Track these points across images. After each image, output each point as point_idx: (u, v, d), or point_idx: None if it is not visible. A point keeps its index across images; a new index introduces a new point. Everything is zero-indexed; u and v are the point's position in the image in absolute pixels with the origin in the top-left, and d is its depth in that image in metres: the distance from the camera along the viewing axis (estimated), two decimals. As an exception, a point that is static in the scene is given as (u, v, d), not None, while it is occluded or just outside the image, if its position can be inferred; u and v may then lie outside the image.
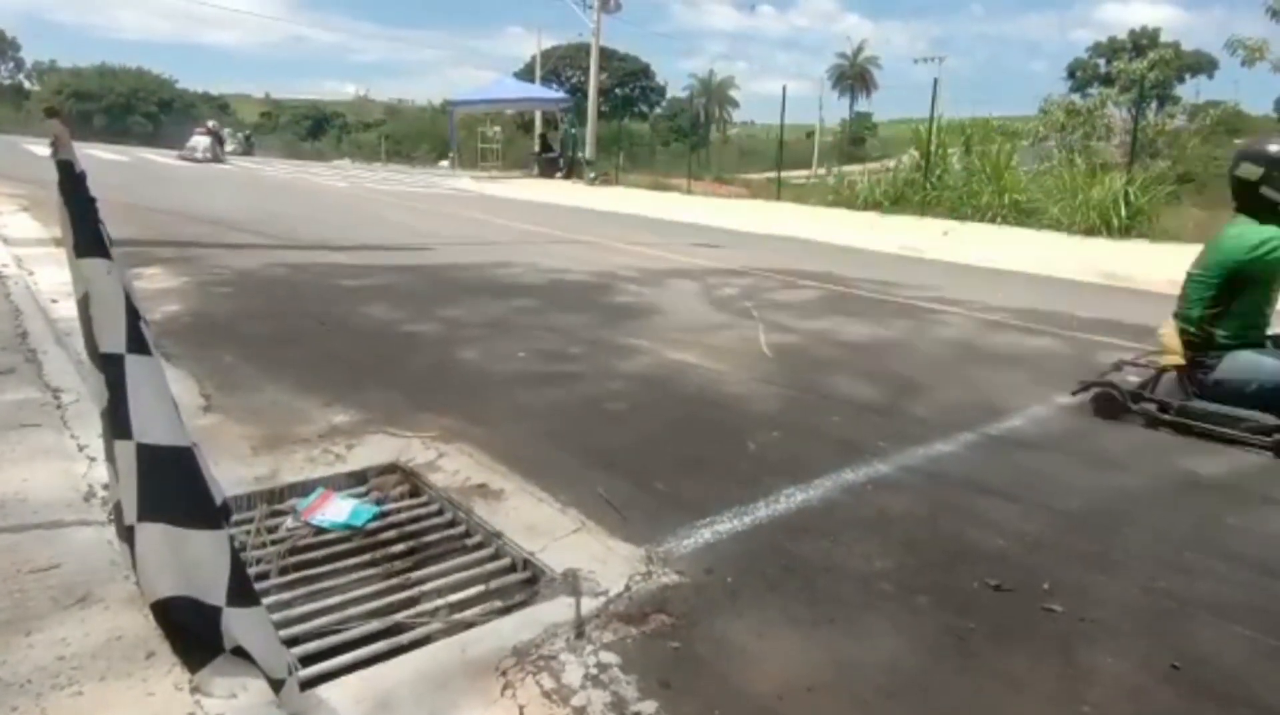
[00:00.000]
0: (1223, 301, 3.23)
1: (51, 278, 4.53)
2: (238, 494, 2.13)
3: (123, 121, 42.98)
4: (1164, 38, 44.03)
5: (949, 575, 1.99)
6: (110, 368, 1.22)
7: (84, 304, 1.19)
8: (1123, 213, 10.42)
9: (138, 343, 1.23)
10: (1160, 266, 8.20)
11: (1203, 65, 40.25)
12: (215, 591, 1.28)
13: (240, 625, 1.30)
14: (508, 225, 10.76)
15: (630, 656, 1.57)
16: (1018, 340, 4.95)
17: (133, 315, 1.20)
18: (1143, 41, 44.04)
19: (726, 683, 1.53)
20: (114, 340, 1.21)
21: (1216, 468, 2.87)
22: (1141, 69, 18.12)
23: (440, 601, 1.78)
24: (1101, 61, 44.88)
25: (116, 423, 1.25)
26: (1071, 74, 48.18)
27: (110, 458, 1.30)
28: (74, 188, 1.14)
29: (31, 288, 4.38)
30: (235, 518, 2.05)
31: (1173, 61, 26.36)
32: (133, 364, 1.23)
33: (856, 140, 41.14)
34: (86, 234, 1.15)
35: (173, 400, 1.31)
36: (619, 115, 29.72)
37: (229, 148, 24.33)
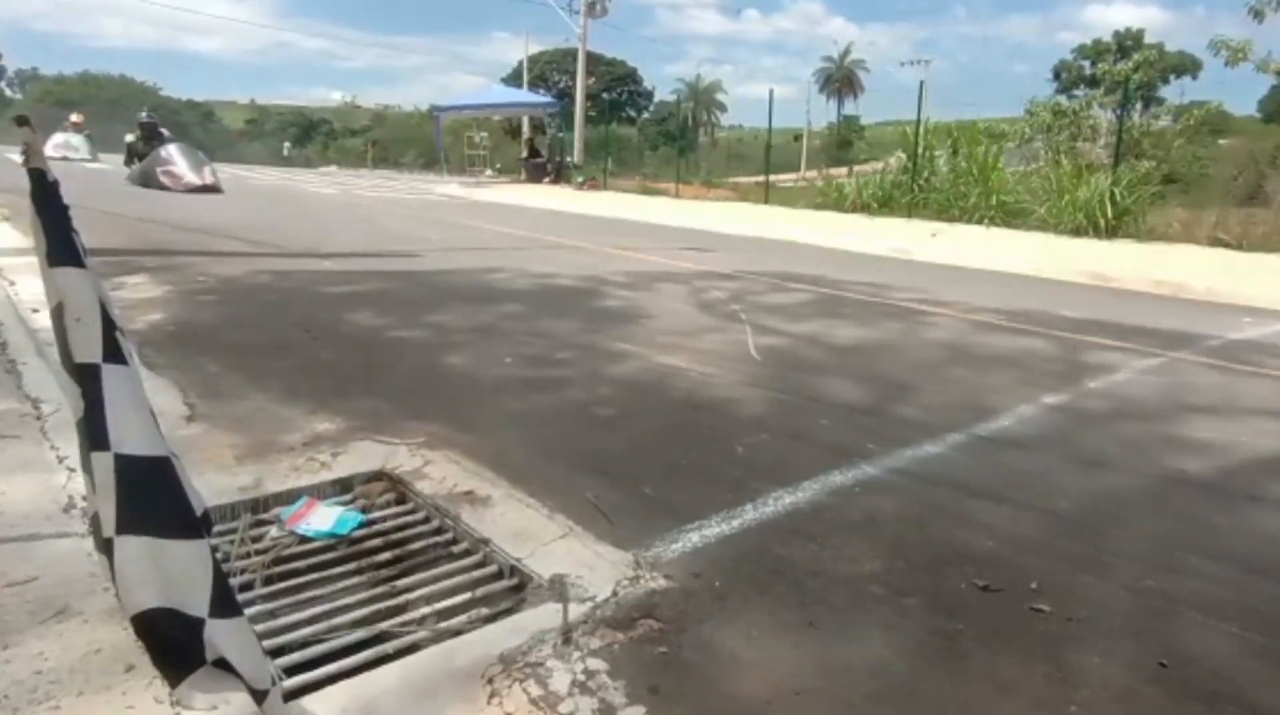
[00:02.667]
0: None
1: (32, 287, 4.49)
2: (221, 503, 2.11)
3: (107, 130, 42.73)
4: (1148, 39, 44.41)
5: (937, 577, 1.98)
6: (86, 379, 1.20)
7: (58, 314, 1.17)
8: (1109, 213, 10.48)
9: (114, 353, 1.21)
10: (1146, 266, 8.27)
11: (1187, 66, 40.53)
12: (197, 603, 1.26)
13: (223, 636, 1.28)
14: (496, 230, 10.75)
15: (618, 662, 1.56)
16: (1006, 341, 4.97)
17: (108, 325, 1.18)
18: (1127, 43, 44.41)
19: (715, 688, 1.52)
20: (89, 351, 1.19)
21: (1204, 467, 2.88)
22: (1126, 70, 18.26)
23: (427, 609, 1.76)
24: (1086, 63, 45.19)
25: (93, 434, 1.23)
26: (1057, 75, 48.50)
27: (87, 469, 1.28)
28: (46, 196, 1.12)
29: (12, 297, 4.34)
30: (219, 528, 2.03)
31: (1157, 63, 26.58)
32: (109, 374, 1.21)
33: (844, 143, 41.22)
34: (60, 243, 1.13)
35: (151, 410, 1.29)
36: (607, 120, 29.73)
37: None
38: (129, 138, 15.63)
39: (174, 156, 14.13)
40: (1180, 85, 34.63)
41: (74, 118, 22.58)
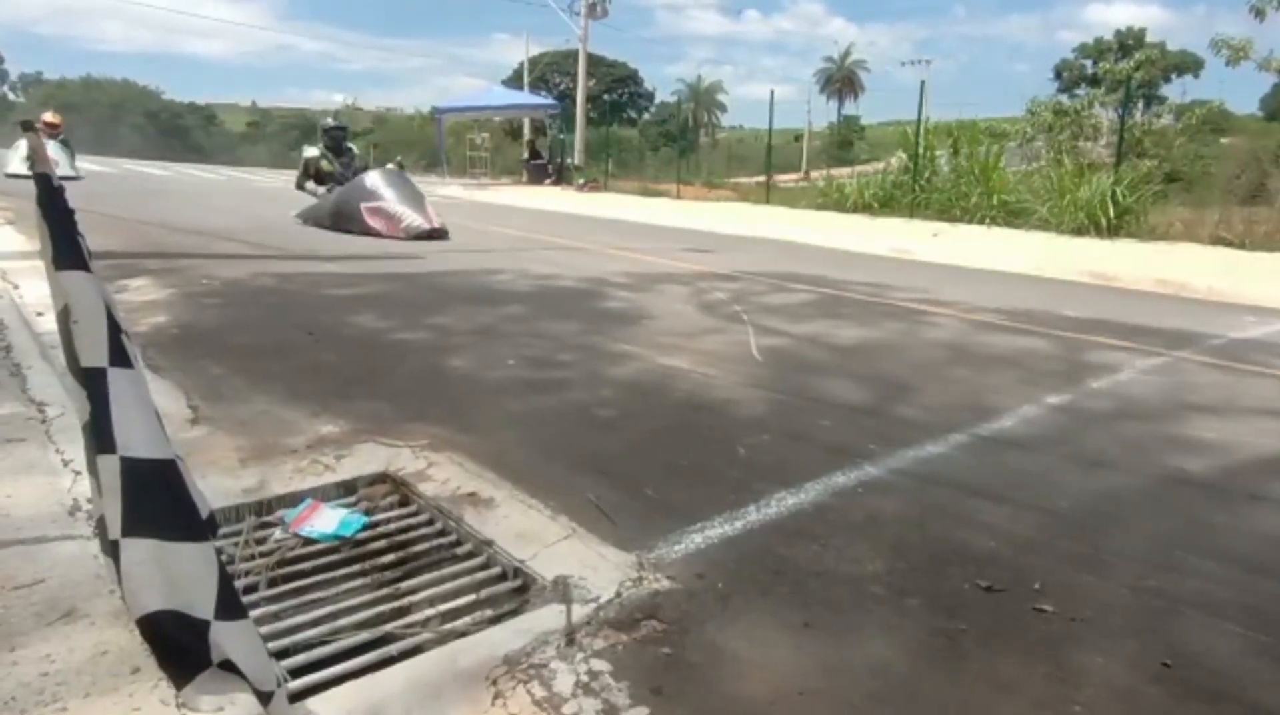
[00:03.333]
0: None
1: (36, 291, 4.51)
2: (226, 506, 2.12)
3: (109, 133, 42.83)
4: (1149, 38, 44.39)
5: (940, 577, 1.99)
6: (92, 382, 1.21)
7: (64, 317, 1.18)
8: (1110, 212, 10.48)
9: (119, 356, 1.22)
10: (1148, 266, 8.26)
11: (1188, 65, 40.49)
12: (202, 605, 1.27)
13: (228, 638, 1.28)
14: (497, 232, 10.76)
15: (621, 663, 1.57)
16: (1008, 341, 4.97)
17: (114, 328, 1.19)
18: (1128, 42, 44.39)
19: (718, 688, 1.52)
20: (95, 354, 1.20)
21: (1207, 466, 2.88)
22: (1128, 69, 18.27)
23: (431, 611, 1.77)
24: (1088, 63, 45.17)
25: (99, 437, 1.23)
26: (1058, 75, 48.49)
27: (93, 472, 1.28)
28: (52, 200, 1.13)
29: (16, 301, 4.36)
30: (224, 530, 2.04)
31: (1158, 61, 26.63)
32: (115, 377, 1.22)
33: (845, 143, 41.22)
34: (65, 247, 1.14)
35: (156, 413, 1.30)
36: (607, 121, 29.70)
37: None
38: (309, 152, 11.09)
39: (381, 189, 9.47)
40: (1182, 84, 34.68)
41: (48, 117, 16.38)
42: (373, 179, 9.73)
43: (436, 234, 9.25)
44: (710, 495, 2.40)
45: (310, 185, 10.87)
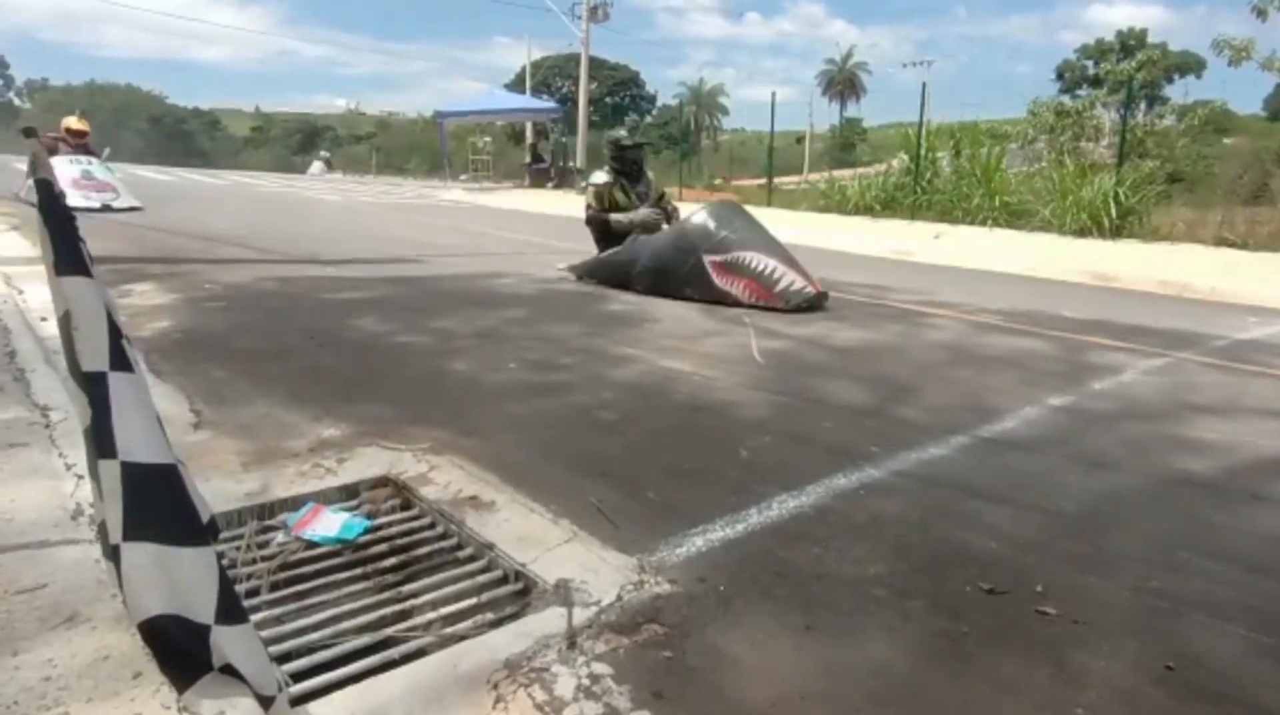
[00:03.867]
0: None
1: (40, 296, 4.52)
2: (228, 510, 2.12)
3: (113, 139, 42.99)
4: (1151, 38, 44.33)
5: (942, 579, 1.98)
6: (93, 386, 1.21)
7: (65, 322, 1.19)
8: (1113, 213, 10.45)
9: (120, 360, 1.22)
10: (1151, 266, 8.25)
11: (1191, 65, 40.45)
12: (203, 609, 1.27)
13: (229, 642, 1.29)
14: (500, 236, 10.77)
15: (623, 667, 1.57)
16: (1009, 342, 4.96)
17: (114, 333, 1.20)
18: (1130, 42, 44.35)
19: (719, 692, 1.52)
20: (96, 358, 1.20)
21: (1208, 466, 2.87)
22: (1129, 69, 18.27)
23: (432, 615, 1.77)
24: (1089, 63, 45.14)
25: (100, 441, 1.24)
26: (1060, 75, 48.45)
27: (94, 476, 1.29)
28: (53, 206, 1.13)
29: (20, 306, 4.37)
30: (226, 534, 2.04)
31: (1160, 62, 26.61)
32: (116, 381, 1.22)
33: (847, 145, 41.27)
34: (66, 252, 1.14)
35: (157, 417, 1.31)
36: (610, 124, 29.78)
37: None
38: (598, 177, 7.56)
39: (730, 235, 6.06)
40: (1184, 84, 34.69)
41: (72, 122, 12.60)
42: (713, 218, 6.22)
43: (820, 300, 5.90)
44: (711, 498, 2.40)
45: (618, 217, 7.21)
